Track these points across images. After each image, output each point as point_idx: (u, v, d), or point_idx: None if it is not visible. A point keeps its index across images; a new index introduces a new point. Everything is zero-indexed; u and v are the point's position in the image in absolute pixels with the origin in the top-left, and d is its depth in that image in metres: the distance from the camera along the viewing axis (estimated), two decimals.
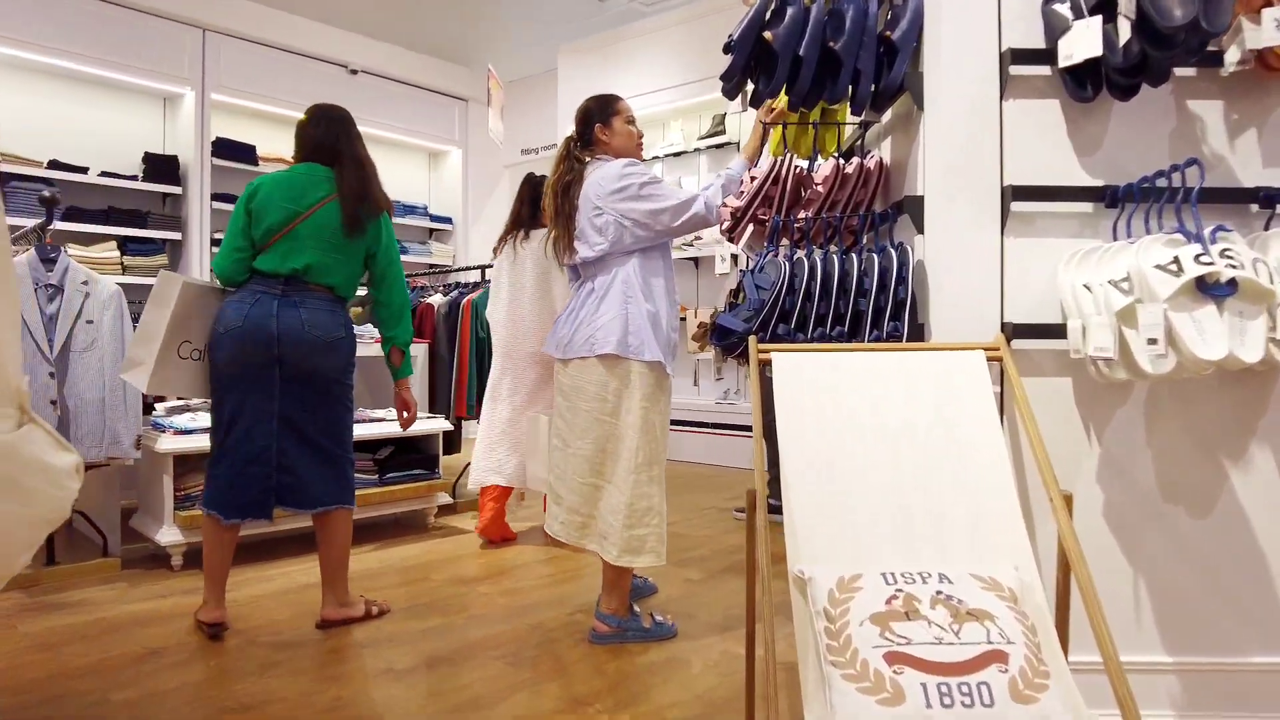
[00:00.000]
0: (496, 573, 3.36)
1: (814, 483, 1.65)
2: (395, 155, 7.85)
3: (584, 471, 2.54)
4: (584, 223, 2.51)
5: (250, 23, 6.33)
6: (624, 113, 2.62)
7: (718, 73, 2.21)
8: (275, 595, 3.07)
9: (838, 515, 1.61)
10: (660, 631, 2.61)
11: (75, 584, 3.18)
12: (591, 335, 2.46)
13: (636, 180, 2.45)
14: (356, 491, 3.80)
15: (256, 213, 2.64)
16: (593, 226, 2.48)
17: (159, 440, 3.37)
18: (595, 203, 2.48)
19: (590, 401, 2.50)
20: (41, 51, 5.42)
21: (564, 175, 2.56)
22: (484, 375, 4.52)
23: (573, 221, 2.53)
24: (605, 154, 2.57)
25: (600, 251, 2.47)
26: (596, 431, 2.50)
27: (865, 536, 1.58)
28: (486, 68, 6.58)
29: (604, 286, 2.49)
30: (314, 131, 2.84)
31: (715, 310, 2.40)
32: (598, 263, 2.52)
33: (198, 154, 6.08)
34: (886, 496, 1.63)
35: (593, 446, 2.52)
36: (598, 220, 2.47)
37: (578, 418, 2.53)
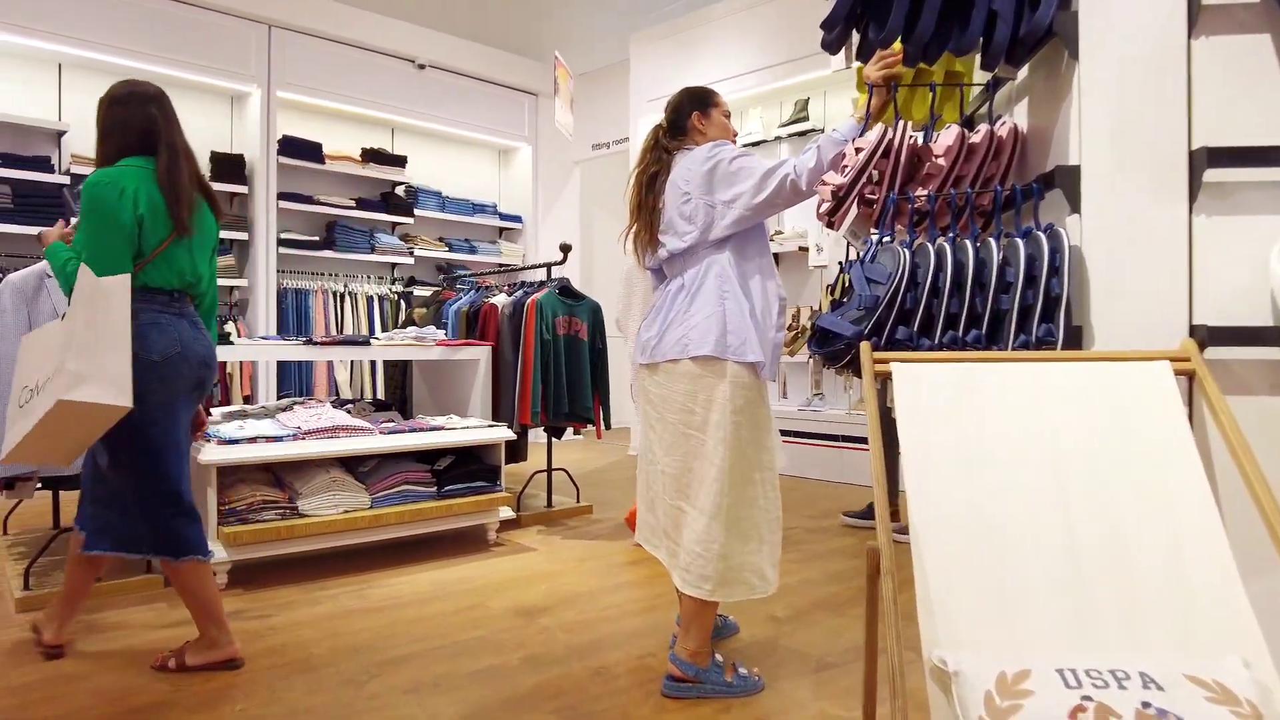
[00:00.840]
0: (560, 601, 3.03)
1: (955, 538, 1.26)
2: (464, 152, 7.65)
3: (671, 492, 2.25)
4: (671, 213, 2.29)
5: (316, 18, 6.19)
6: (723, 106, 2.45)
7: (800, 54, 1.84)
8: (318, 622, 2.80)
9: (990, 584, 1.22)
10: (744, 686, 2.24)
11: (115, 603, 2.99)
12: (684, 336, 2.18)
13: (725, 155, 2.21)
14: (415, 506, 3.58)
15: (149, 216, 2.29)
16: (681, 215, 2.25)
17: (203, 451, 3.15)
18: (684, 189, 2.25)
19: (676, 413, 2.21)
20: (111, 52, 5.37)
21: (649, 166, 2.37)
22: (548, 380, 4.22)
23: (656, 215, 2.32)
24: (698, 145, 2.34)
25: (690, 241, 2.23)
26: (683, 447, 2.21)
27: (1030, 615, 1.18)
28: (554, 55, 6.29)
29: (695, 281, 2.23)
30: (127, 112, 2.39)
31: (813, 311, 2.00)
32: (687, 255, 2.28)
33: (264, 153, 5.96)
34: (1056, 560, 1.23)
35: (679, 464, 2.22)
36: (686, 207, 2.24)
37: (665, 431, 2.25)
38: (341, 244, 6.45)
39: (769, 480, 2.22)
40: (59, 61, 5.46)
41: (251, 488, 3.28)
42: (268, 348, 3.70)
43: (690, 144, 2.36)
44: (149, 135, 2.36)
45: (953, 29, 1.71)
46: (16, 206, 5.05)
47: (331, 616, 2.86)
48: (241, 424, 3.43)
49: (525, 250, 7.68)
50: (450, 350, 4.20)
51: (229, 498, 3.21)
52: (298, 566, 3.41)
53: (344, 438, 3.47)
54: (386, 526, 3.49)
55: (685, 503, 2.22)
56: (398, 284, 6.87)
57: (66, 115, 5.49)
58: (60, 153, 5.41)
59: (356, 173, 6.59)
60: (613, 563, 3.54)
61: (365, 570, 3.41)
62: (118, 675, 2.37)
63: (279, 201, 6.06)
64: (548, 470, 4.54)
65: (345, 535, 3.39)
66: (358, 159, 6.63)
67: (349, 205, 6.51)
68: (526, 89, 7.60)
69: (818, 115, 6.05)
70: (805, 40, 5.71)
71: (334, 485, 3.41)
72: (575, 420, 4.38)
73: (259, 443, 3.26)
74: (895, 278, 1.63)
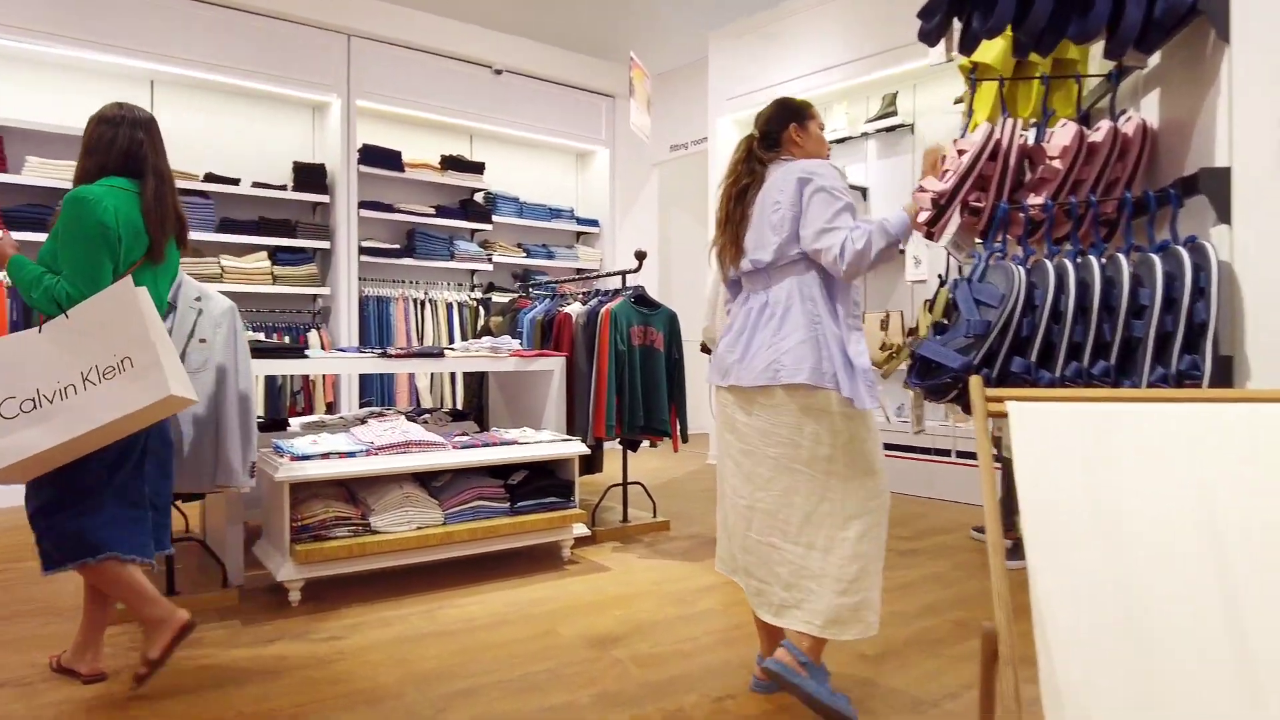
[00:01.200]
0: (634, 630, 2.89)
1: (1088, 616, 1.06)
2: (541, 157, 7.61)
3: (763, 528, 2.13)
4: (761, 225, 2.21)
5: (394, 26, 6.22)
6: (818, 119, 2.37)
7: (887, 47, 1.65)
8: (386, 647, 2.73)
9: (1133, 675, 1.01)
10: (838, 705, 2.07)
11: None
12: (775, 361, 2.08)
13: (821, 180, 2.11)
14: (488, 522, 3.50)
15: (127, 237, 2.32)
16: (769, 225, 2.17)
17: (277, 467, 3.13)
18: (776, 198, 2.17)
19: (779, 446, 2.10)
20: (199, 68, 5.49)
21: (741, 178, 2.30)
22: (624, 392, 4.09)
23: (743, 228, 2.24)
24: (792, 157, 2.28)
25: (775, 252, 2.15)
26: (785, 482, 2.10)
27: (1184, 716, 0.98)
28: (629, 55, 6.16)
29: (780, 301, 2.15)
30: (113, 134, 2.40)
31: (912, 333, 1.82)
32: (771, 271, 2.20)
33: (344, 162, 6.02)
34: (1217, 648, 1.02)
35: (778, 500, 2.11)
36: (775, 216, 2.16)
37: (760, 464, 2.13)
38: (421, 251, 6.47)
39: (881, 510, 2.14)
40: (151, 79, 5.61)
41: (325, 504, 3.24)
42: (343, 361, 3.67)
43: (786, 156, 2.29)
44: (132, 158, 2.39)
45: (1070, 13, 1.49)
46: None
47: (401, 640, 2.79)
48: (315, 438, 3.40)
49: (602, 254, 7.59)
50: (524, 361, 4.11)
51: (302, 514, 3.18)
52: (369, 583, 3.36)
53: (416, 453, 3.41)
54: (458, 544, 3.42)
55: (783, 539, 2.11)
56: (476, 290, 6.86)
57: None
58: None
59: (435, 180, 6.60)
60: (690, 587, 3.38)
61: (437, 588, 3.34)
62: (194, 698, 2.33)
63: (360, 210, 6.11)
64: (623, 484, 4.41)
65: (417, 553, 3.33)
66: (437, 166, 6.64)
67: (428, 213, 6.53)
68: (603, 91, 7.50)
69: (907, 110, 5.75)
70: (894, 31, 5.44)
71: (407, 501, 3.36)
72: (651, 433, 4.24)
73: (332, 459, 3.22)
74: (1009, 300, 1.43)
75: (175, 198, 2.47)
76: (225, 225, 5.65)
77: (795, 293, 2.12)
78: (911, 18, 5.30)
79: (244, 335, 3.08)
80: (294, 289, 5.88)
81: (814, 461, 2.08)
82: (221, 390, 3.00)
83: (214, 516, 3.61)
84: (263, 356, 3.34)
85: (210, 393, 2.99)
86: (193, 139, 5.75)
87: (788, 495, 2.10)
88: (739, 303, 2.31)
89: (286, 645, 2.74)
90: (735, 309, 2.32)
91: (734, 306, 2.34)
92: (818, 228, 2.06)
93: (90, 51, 5.14)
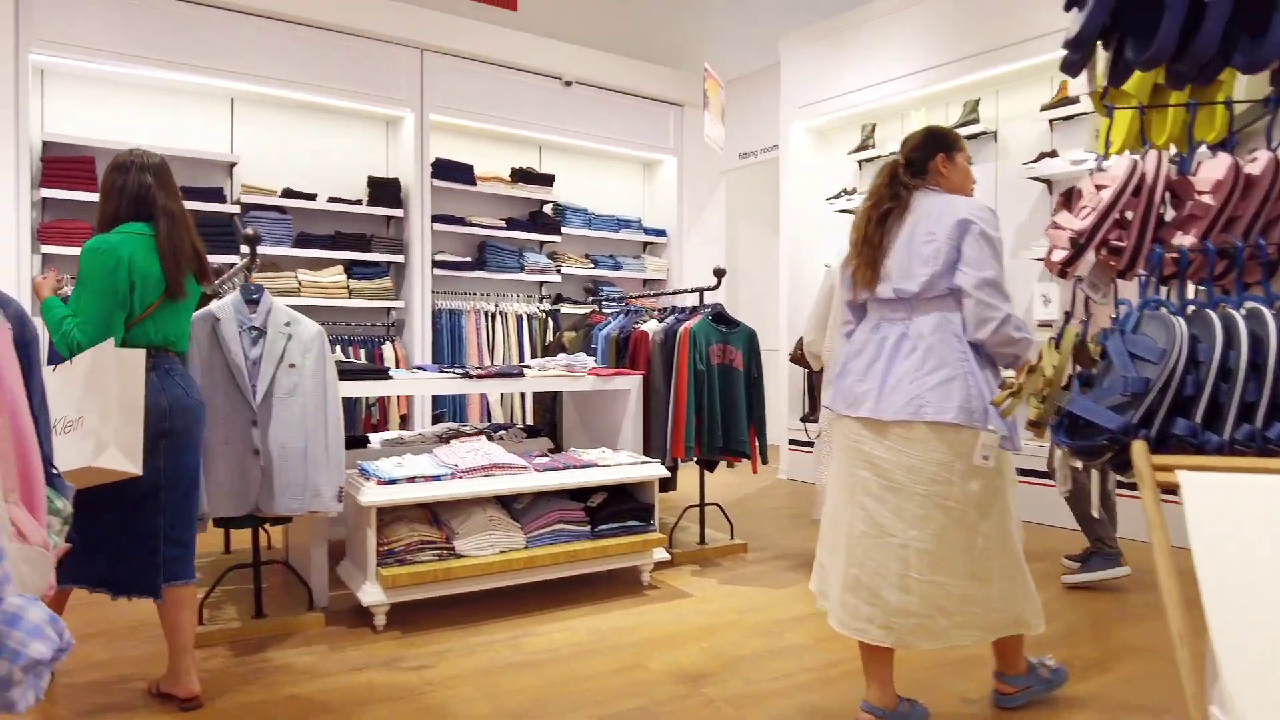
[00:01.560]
0: (723, 666, 2.81)
1: None
2: (609, 167, 7.57)
3: (922, 567, 2.12)
4: (908, 254, 2.19)
5: (466, 40, 6.24)
6: (966, 151, 2.36)
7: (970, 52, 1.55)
8: (474, 678, 2.70)
9: None
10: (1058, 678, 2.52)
11: (277, 642, 3.00)
12: (918, 397, 2.07)
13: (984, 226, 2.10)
14: (569, 546, 3.46)
15: (140, 285, 2.44)
16: (918, 257, 2.15)
17: (362, 490, 3.13)
18: (930, 228, 2.15)
19: (929, 483, 2.08)
20: (277, 85, 5.56)
21: (883, 202, 2.28)
22: (702, 412, 4.02)
23: (882, 252, 2.22)
24: (936, 188, 2.28)
25: (923, 285, 2.13)
26: (939, 519, 2.10)
27: None
28: (703, 67, 6.08)
29: (924, 335, 2.14)
30: (124, 180, 2.53)
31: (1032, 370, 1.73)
32: (915, 302, 2.18)
33: (418, 176, 6.06)
34: None
35: (933, 539, 2.10)
36: (927, 248, 2.13)
37: (909, 501, 2.11)
38: (492, 264, 6.48)
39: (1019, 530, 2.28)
40: (231, 96, 5.72)
41: (410, 527, 3.24)
42: (426, 381, 3.67)
43: (932, 185, 2.28)
44: (142, 202, 2.51)
45: (1238, 38, 1.37)
46: None
47: (488, 671, 2.76)
48: (400, 460, 3.40)
49: (669, 265, 7.52)
50: (601, 380, 4.07)
51: (387, 538, 3.18)
52: (453, 607, 3.35)
53: (500, 476, 3.39)
54: (541, 568, 3.38)
55: (949, 576, 2.13)
56: (544, 302, 6.85)
57: (238, 148, 5.75)
58: (232, 183, 5.66)
59: (505, 193, 6.61)
60: (775, 618, 3.29)
61: (520, 613, 3.31)
62: None
63: (433, 224, 6.15)
64: (700, 505, 4.34)
65: (500, 577, 3.31)
66: (507, 179, 6.65)
67: (499, 225, 6.54)
68: (671, 100, 7.43)
69: (989, 116, 5.56)
70: (977, 36, 5.26)
71: (490, 524, 3.34)
72: (730, 454, 4.16)
73: (417, 482, 3.21)
74: (1170, 356, 1.32)
75: (191, 234, 2.60)
76: (302, 240, 5.72)
77: (941, 328, 2.12)
78: (997, 21, 5.16)
79: (332, 359, 3.09)
80: (369, 303, 5.94)
81: (966, 497, 2.10)
82: (310, 415, 3.02)
83: (297, 536, 3.64)
84: (348, 378, 3.35)
85: (300, 418, 3.01)
86: (271, 155, 5.85)
87: (945, 533, 2.11)
88: (868, 329, 2.29)
89: (375, 674, 2.74)
90: (863, 335, 2.30)
91: (859, 332, 2.32)
92: (982, 278, 2.07)
93: (174, 72, 5.25)
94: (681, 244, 7.51)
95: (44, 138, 4.97)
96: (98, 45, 4.98)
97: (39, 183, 4.86)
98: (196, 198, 5.34)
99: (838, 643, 3.01)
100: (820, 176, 6.76)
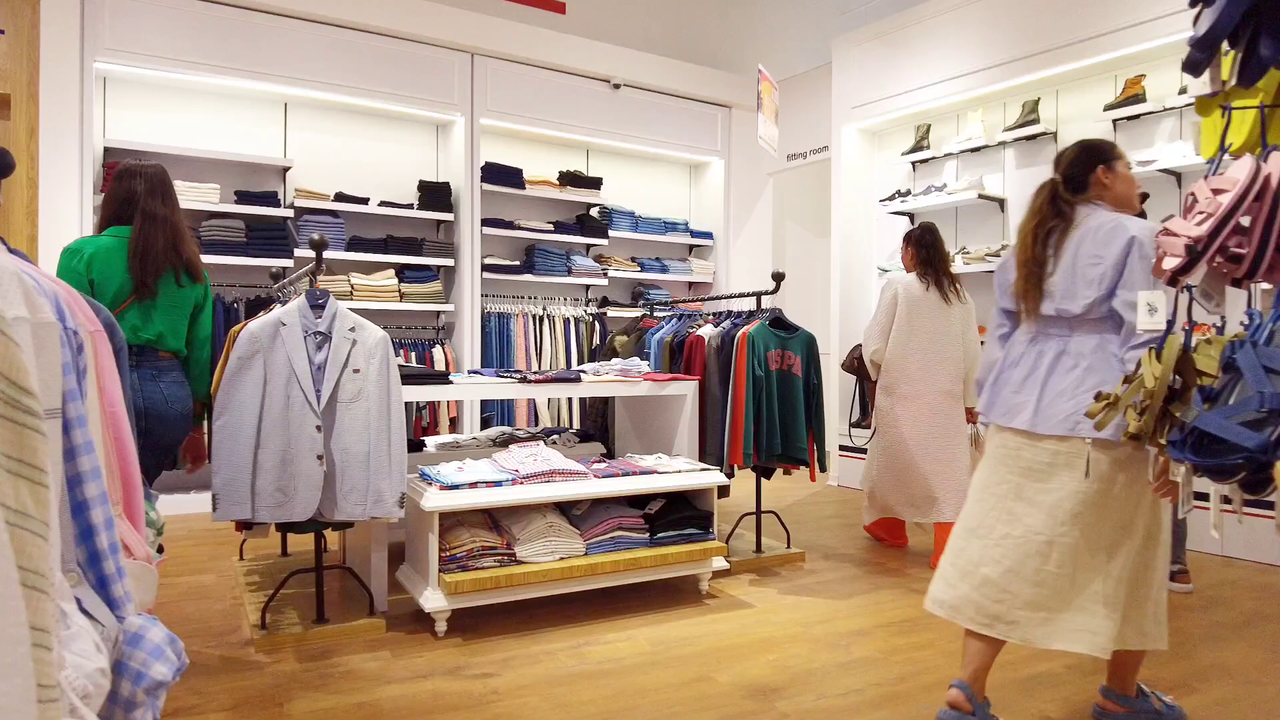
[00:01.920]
0: (792, 680, 2.75)
1: None
2: (656, 170, 7.54)
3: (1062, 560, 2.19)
4: (1072, 274, 2.21)
5: (517, 44, 6.24)
6: (1125, 159, 2.34)
7: (1027, 52, 1.48)
8: (540, 688, 2.67)
9: None
10: (1171, 714, 2.38)
11: (341, 647, 3.00)
12: (1076, 413, 2.13)
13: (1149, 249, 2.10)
14: (629, 554, 3.41)
15: (100, 283, 2.56)
16: (1084, 278, 2.17)
17: (425, 496, 3.11)
18: (1097, 251, 2.16)
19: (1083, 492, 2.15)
20: (331, 90, 5.61)
21: (1046, 220, 2.29)
22: (760, 419, 3.96)
23: (1044, 269, 2.25)
24: (1101, 200, 2.28)
25: (1086, 306, 2.16)
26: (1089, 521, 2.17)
27: None
28: (757, 69, 6.02)
29: (1085, 354, 2.17)
30: (116, 187, 2.74)
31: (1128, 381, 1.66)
32: (1075, 321, 2.22)
33: (468, 180, 6.07)
34: None
35: (1080, 536, 2.16)
36: (1093, 270, 2.15)
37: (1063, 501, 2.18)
38: (540, 267, 6.48)
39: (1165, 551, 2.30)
40: (285, 101, 5.77)
41: (471, 532, 3.22)
42: (486, 386, 3.65)
43: (1095, 199, 2.28)
44: (125, 204, 2.68)
45: None
46: (249, 240, 5.36)
47: (553, 681, 2.72)
48: (460, 465, 3.39)
49: (716, 268, 7.47)
50: (657, 385, 4.02)
51: (449, 543, 3.16)
52: (512, 614, 3.32)
53: (560, 482, 3.36)
54: (602, 575, 3.35)
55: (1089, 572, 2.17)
56: (591, 305, 6.83)
57: (291, 152, 5.80)
58: (285, 187, 5.72)
59: (553, 196, 6.60)
60: (840, 630, 3.22)
61: (580, 621, 3.28)
62: None
63: (483, 228, 6.16)
64: (756, 512, 4.28)
65: (560, 584, 3.27)
66: (555, 183, 6.64)
67: (547, 229, 6.53)
68: (719, 101, 7.38)
69: (1049, 117, 5.44)
70: (1035, 35, 5.15)
71: (550, 531, 3.31)
72: (788, 461, 4.09)
73: (479, 488, 3.19)
74: None
75: (171, 235, 2.72)
76: (355, 244, 5.76)
77: (1102, 347, 2.15)
78: (1058, 19, 5.03)
79: (395, 365, 3.08)
80: (420, 306, 5.96)
81: (1125, 504, 2.15)
82: (374, 421, 3.01)
83: (356, 539, 3.64)
84: (410, 383, 3.34)
85: (363, 423, 3.00)
86: (324, 159, 5.90)
87: (1091, 532, 2.15)
88: (1025, 340, 2.32)
89: (440, 682, 2.71)
90: (1020, 346, 2.33)
91: (1016, 343, 2.35)
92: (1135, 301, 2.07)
93: (230, 78, 5.31)
94: (728, 247, 7.45)
95: (105, 143, 5.05)
96: (158, 52, 5.05)
97: (100, 187, 4.94)
98: (251, 202, 5.40)
99: (905, 656, 2.94)
100: (873, 178, 6.67)
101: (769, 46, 7.67)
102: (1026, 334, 2.32)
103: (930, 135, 6.14)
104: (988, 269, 5.50)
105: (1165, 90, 4.80)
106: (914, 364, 4.11)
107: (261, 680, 2.70)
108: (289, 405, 2.92)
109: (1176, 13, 4.43)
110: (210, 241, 5.20)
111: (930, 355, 4.10)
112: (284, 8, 5.38)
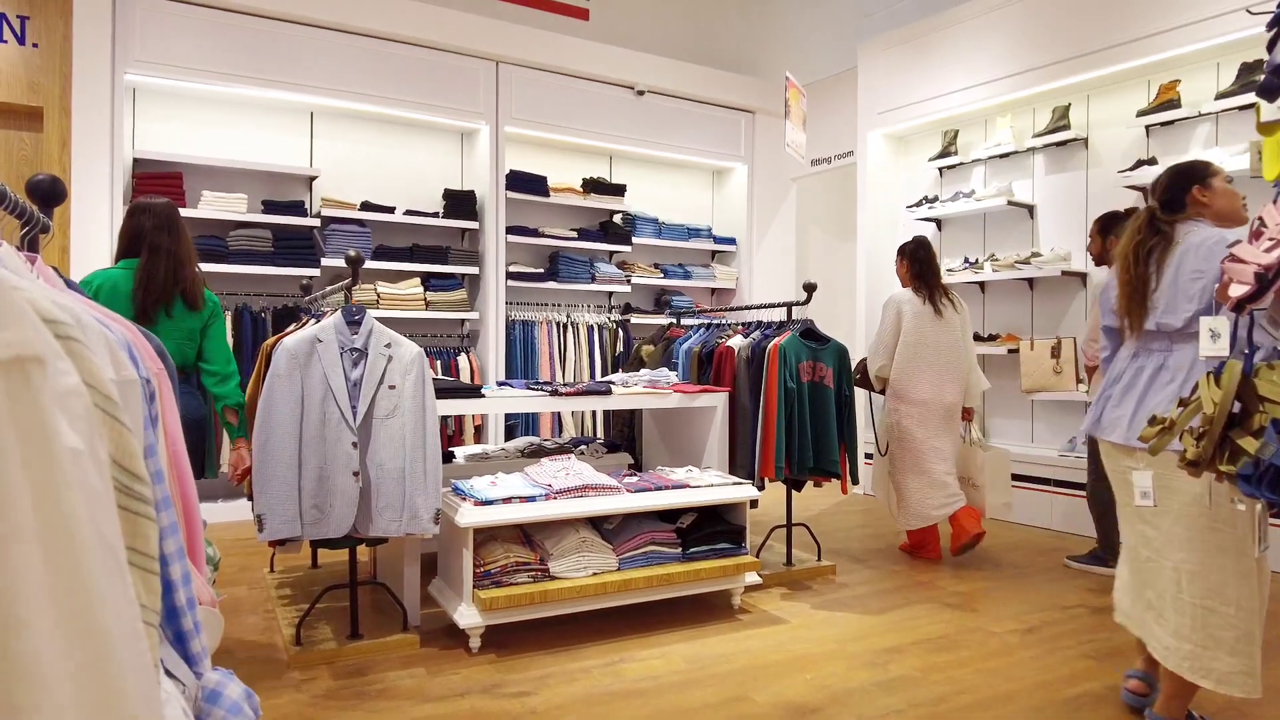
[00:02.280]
0: (831, 700, 2.72)
1: None
2: (679, 176, 7.52)
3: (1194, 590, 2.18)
4: (1174, 289, 2.25)
5: (540, 51, 6.24)
6: (1221, 174, 2.37)
7: (1058, 58, 1.45)
8: (577, 707, 2.65)
9: None
10: None
11: (375, 664, 2.99)
12: None
13: None
14: (662, 570, 3.39)
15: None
16: (1184, 293, 2.21)
17: (459, 511, 3.10)
18: (1198, 266, 2.19)
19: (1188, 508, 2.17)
20: (356, 99, 5.62)
21: (1146, 240, 2.34)
22: (792, 431, 3.93)
23: (1147, 286, 2.30)
24: (1202, 218, 2.32)
25: (1185, 321, 2.20)
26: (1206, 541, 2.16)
27: None
28: (785, 76, 5.99)
29: (1183, 368, 2.21)
30: (127, 223, 2.98)
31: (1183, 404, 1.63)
32: (1174, 335, 2.26)
33: (493, 188, 6.07)
34: None
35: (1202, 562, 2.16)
36: (1194, 286, 2.19)
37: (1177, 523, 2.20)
38: (564, 275, 6.47)
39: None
40: (311, 110, 5.79)
41: (504, 548, 3.21)
42: (517, 399, 3.64)
43: (1194, 217, 2.31)
44: (134, 239, 2.93)
45: None
46: (276, 249, 5.38)
47: (590, 700, 2.71)
48: (494, 479, 3.38)
49: (739, 274, 7.44)
50: (688, 397, 4.00)
51: (483, 559, 3.15)
52: (545, 630, 3.31)
53: (593, 497, 3.34)
54: (636, 591, 3.33)
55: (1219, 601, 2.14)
56: (614, 312, 6.82)
57: (317, 161, 5.82)
58: (312, 196, 5.73)
59: (576, 203, 6.59)
60: (876, 647, 3.19)
61: (614, 637, 3.26)
62: None
63: (508, 236, 6.15)
64: (787, 525, 4.24)
65: (594, 599, 3.26)
66: (579, 190, 6.63)
67: (570, 236, 6.52)
68: (743, 107, 7.35)
69: (1080, 123, 5.37)
70: (1065, 40, 5.09)
71: (583, 546, 3.29)
72: (820, 474, 4.06)
73: (513, 503, 3.18)
74: None
75: (175, 266, 2.93)
76: (380, 253, 5.77)
77: (1200, 363, 2.15)
78: (1089, 24, 4.97)
79: (431, 381, 3.08)
80: (445, 314, 5.97)
81: (1227, 521, 2.13)
82: (409, 436, 3.00)
83: (388, 552, 3.63)
84: (444, 396, 3.34)
85: (399, 439, 3.00)
86: (350, 168, 5.92)
87: (1210, 557, 2.14)
88: (1126, 358, 2.37)
89: (477, 700, 2.70)
90: (1121, 363, 2.38)
91: (1119, 360, 2.40)
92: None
93: (256, 88, 5.33)
94: (751, 252, 7.42)
95: (135, 154, 5.08)
96: (186, 64, 5.07)
97: (130, 198, 4.97)
98: (278, 211, 5.41)
99: (943, 674, 2.91)
100: (900, 184, 6.62)
101: (792, 51, 7.63)
102: (1129, 350, 2.38)
103: (958, 141, 6.09)
104: (1017, 276, 5.44)
105: (1200, 96, 4.73)
106: (923, 377, 4.30)
107: (300, 699, 2.70)
108: (325, 422, 2.92)
109: (1212, 17, 4.37)
110: (238, 251, 5.22)
111: (938, 367, 4.30)
112: (310, 18, 5.39)
